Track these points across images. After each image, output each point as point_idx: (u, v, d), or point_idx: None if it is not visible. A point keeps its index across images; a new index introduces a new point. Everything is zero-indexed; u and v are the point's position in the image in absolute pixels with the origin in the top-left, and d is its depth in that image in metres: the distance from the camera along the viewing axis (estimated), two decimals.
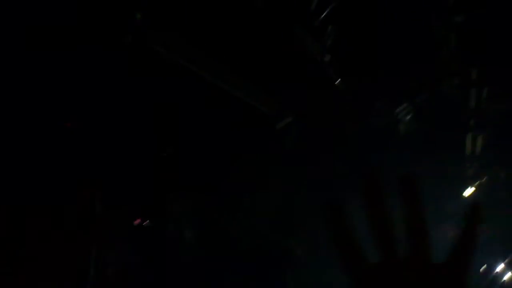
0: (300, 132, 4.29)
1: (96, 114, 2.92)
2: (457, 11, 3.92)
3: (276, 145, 4.21)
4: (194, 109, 3.58)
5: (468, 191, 5.94)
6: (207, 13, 3.14)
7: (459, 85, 4.64)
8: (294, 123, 4.18)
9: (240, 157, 4.01)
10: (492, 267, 5.65)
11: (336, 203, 0.63)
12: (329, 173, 4.35)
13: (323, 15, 3.73)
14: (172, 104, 3.43)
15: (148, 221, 3.44)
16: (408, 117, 4.53)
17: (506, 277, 5.72)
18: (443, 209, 5.47)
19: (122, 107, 3.08)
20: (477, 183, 6.08)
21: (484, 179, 6.12)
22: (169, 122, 3.55)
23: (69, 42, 2.64)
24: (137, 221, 3.37)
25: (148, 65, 3.07)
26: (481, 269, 5.68)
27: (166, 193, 3.69)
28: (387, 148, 4.38)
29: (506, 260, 5.58)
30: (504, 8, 3.75)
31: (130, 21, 2.83)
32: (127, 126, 3.16)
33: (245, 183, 4.15)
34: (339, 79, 4.05)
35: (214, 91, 3.50)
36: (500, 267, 5.65)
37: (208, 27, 3.19)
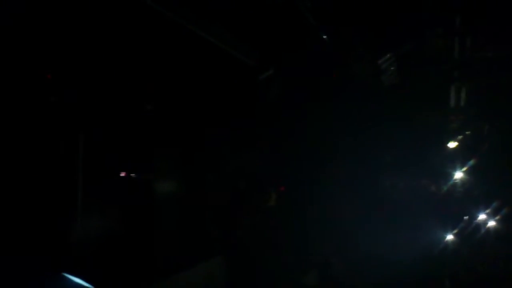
0: (283, 84, 4.24)
1: None
2: None
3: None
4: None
5: (452, 144, 5.97)
6: None
7: (443, 34, 4.59)
8: (277, 74, 4.12)
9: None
10: (474, 216, 5.77)
11: None
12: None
13: None
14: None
15: None
16: (392, 67, 4.49)
17: (488, 225, 5.85)
18: (427, 160, 5.52)
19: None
20: (461, 136, 6.10)
21: (468, 132, 6.14)
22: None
23: None
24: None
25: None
26: (465, 218, 5.78)
27: None
28: (371, 97, 4.35)
29: (488, 210, 5.70)
30: None
31: None
32: None
33: None
34: (323, 28, 3.98)
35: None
36: (482, 216, 5.77)
37: None
